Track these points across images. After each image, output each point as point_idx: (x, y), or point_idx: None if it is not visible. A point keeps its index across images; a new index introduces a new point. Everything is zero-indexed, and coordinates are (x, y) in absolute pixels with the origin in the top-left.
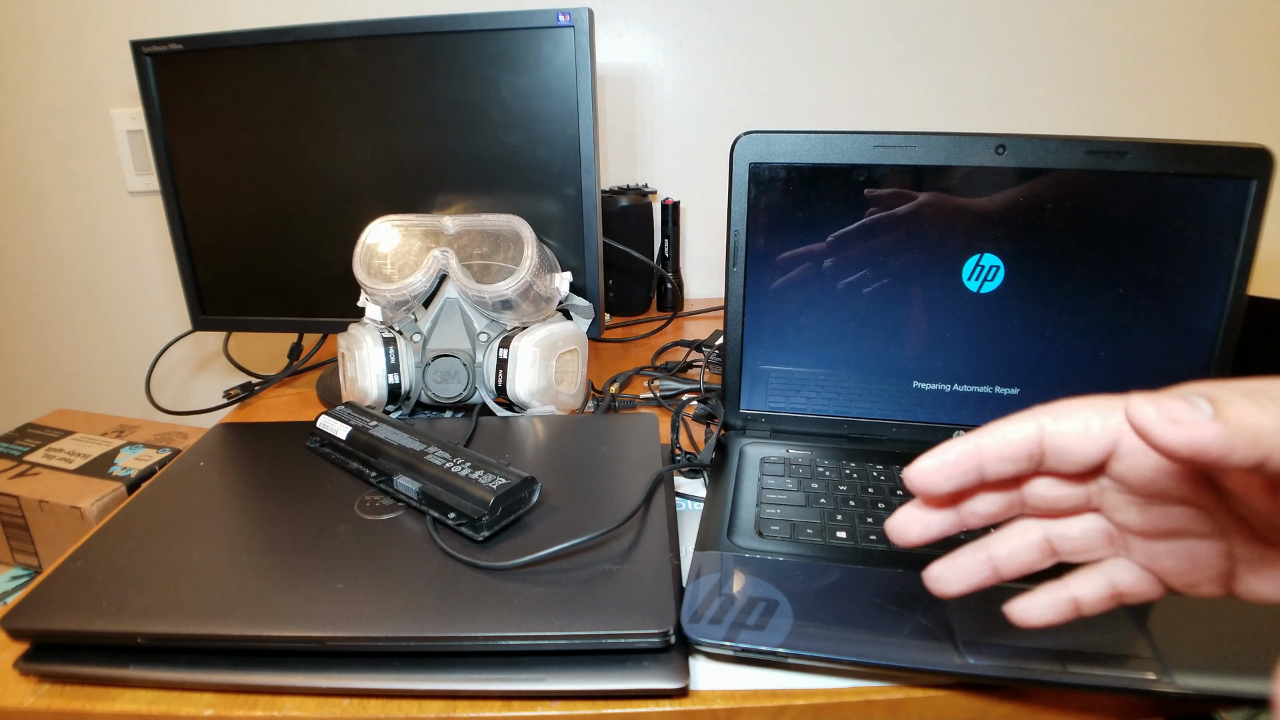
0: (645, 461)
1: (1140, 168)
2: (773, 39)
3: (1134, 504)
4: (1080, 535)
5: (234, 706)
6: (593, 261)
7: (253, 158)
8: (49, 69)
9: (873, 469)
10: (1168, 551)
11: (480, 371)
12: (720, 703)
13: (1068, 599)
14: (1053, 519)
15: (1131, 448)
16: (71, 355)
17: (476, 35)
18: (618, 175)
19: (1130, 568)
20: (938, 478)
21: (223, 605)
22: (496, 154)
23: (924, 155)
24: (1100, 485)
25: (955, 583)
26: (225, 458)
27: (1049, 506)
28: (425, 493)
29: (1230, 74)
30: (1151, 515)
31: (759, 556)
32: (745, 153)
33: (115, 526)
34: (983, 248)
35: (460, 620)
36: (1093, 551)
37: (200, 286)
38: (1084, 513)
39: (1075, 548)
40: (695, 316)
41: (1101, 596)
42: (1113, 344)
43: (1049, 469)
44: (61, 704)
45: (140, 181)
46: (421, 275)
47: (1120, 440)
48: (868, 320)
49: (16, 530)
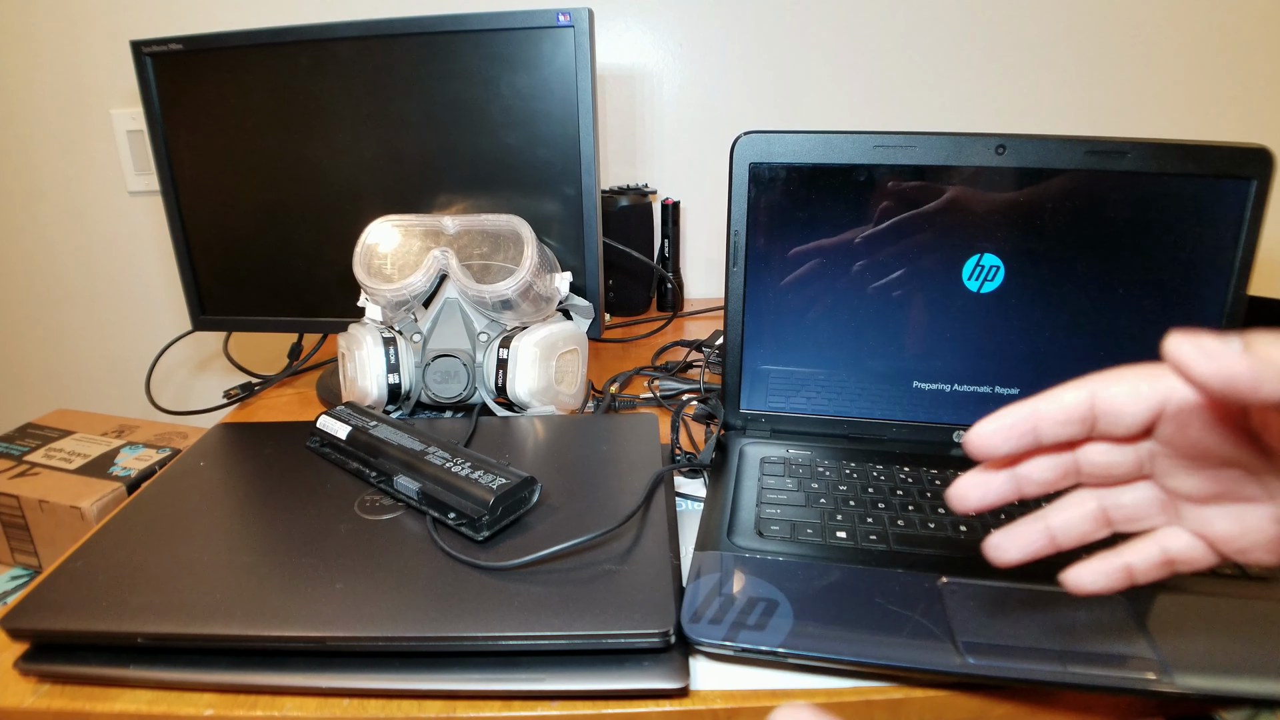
0: (645, 461)
1: (1140, 168)
2: (773, 39)
3: (1183, 468)
4: (1133, 503)
5: (234, 706)
6: (593, 261)
7: (253, 158)
8: (49, 69)
9: (873, 469)
10: (1218, 517)
11: (480, 371)
12: (720, 703)
13: (1121, 566)
14: (1106, 488)
15: (1178, 408)
16: (71, 355)
17: (476, 35)
18: (618, 175)
19: (1182, 534)
20: (995, 439)
21: (223, 605)
22: (496, 154)
23: (924, 155)
24: (1151, 451)
25: (1014, 550)
26: (225, 458)
27: (1102, 473)
28: (425, 493)
29: (1230, 74)
30: (1200, 479)
31: (759, 556)
32: (745, 153)
33: (115, 526)
34: (983, 248)
35: (460, 620)
36: (1146, 520)
37: (200, 286)
38: (1136, 481)
39: (1129, 515)
40: (695, 316)
41: (1154, 563)
42: (1113, 344)
43: (1101, 432)
44: (61, 704)
45: (140, 181)
46: (421, 275)
47: (1167, 401)
48: (868, 320)
49: (16, 530)
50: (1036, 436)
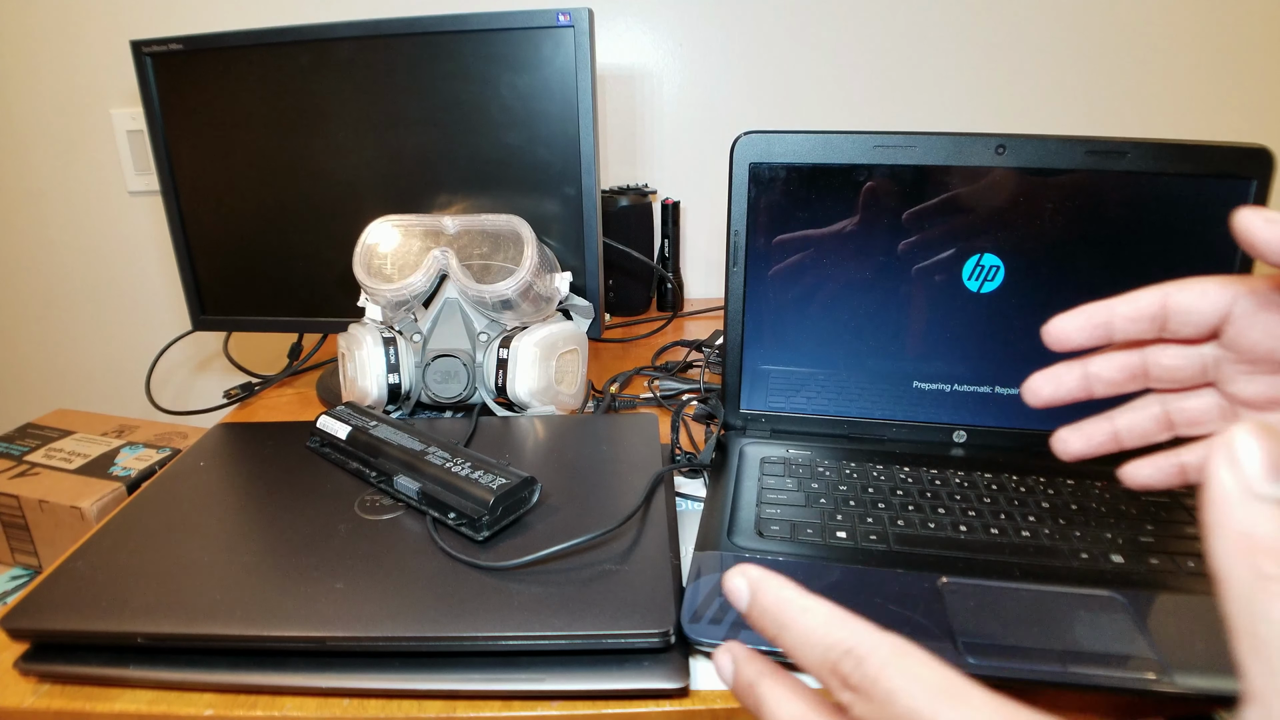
0: (645, 461)
1: (1140, 168)
2: (773, 39)
3: (1245, 373)
4: (1196, 408)
5: (234, 706)
6: (593, 261)
7: (253, 158)
8: (49, 69)
9: (873, 469)
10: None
11: (480, 371)
12: (720, 703)
13: (1176, 464)
14: (1172, 393)
15: (1244, 311)
16: (71, 355)
17: (476, 35)
18: (618, 175)
19: None
20: (1070, 327)
21: (223, 605)
22: (496, 154)
23: (924, 155)
24: (1215, 358)
25: (1078, 443)
26: (225, 458)
27: (1169, 377)
28: (425, 493)
29: (1230, 74)
30: (1262, 384)
31: (759, 556)
32: (745, 153)
33: (115, 526)
34: (983, 248)
35: (460, 620)
36: (1206, 424)
37: (200, 286)
38: (1200, 388)
39: (1191, 419)
40: (695, 316)
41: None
42: None
43: (1170, 332)
44: (61, 704)
45: (140, 181)
46: (421, 275)
47: (1234, 304)
48: (868, 320)
49: (16, 530)
50: (1109, 331)
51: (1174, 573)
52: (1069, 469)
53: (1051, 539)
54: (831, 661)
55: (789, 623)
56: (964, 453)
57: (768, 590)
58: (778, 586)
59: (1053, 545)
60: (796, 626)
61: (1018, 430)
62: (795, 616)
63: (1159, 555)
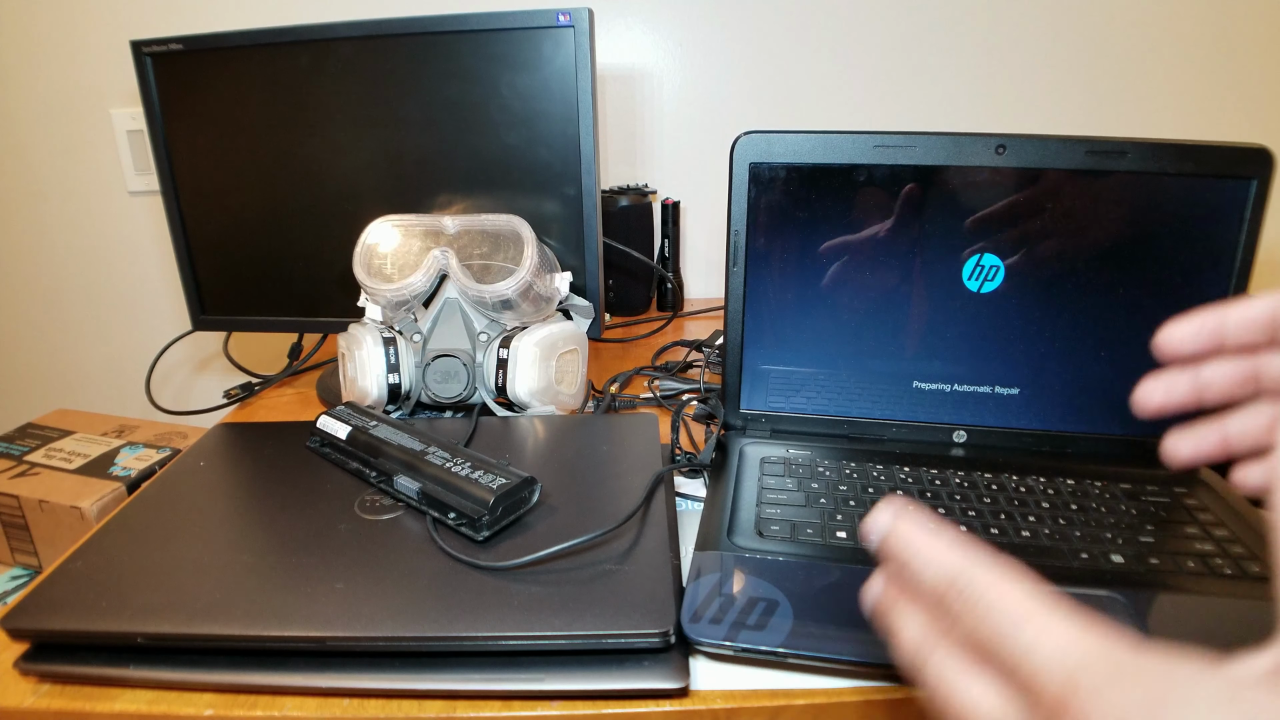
0: (645, 461)
1: (1140, 168)
2: (773, 39)
3: None
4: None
5: (234, 706)
6: (593, 261)
7: (253, 158)
8: (49, 69)
9: (873, 469)
10: None
11: (480, 371)
12: (720, 703)
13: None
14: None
15: None
16: (71, 355)
17: (476, 35)
18: (618, 175)
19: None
20: (1183, 335)
21: (223, 605)
22: (496, 154)
23: (924, 155)
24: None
25: (1187, 449)
26: (225, 458)
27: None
28: (425, 493)
29: (1230, 74)
30: None
31: (759, 556)
32: (745, 153)
33: (115, 526)
34: (983, 248)
35: (460, 620)
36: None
37: (200, 286)
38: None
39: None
40: (695, 316)
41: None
42: (1113, 344)
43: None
44: (61, 704)
45: (140, 181)
46: (421, 275)
47: None
48: (868, 320)
49: (16, 530)
50: (1221, 339)
51: (1174, 573)
52: (1069, 469)
53: (1051, 539)
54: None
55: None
56: (964, 453)
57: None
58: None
59: (1053, 545)
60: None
61: (1018, 430)
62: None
63: (1159, 555)
